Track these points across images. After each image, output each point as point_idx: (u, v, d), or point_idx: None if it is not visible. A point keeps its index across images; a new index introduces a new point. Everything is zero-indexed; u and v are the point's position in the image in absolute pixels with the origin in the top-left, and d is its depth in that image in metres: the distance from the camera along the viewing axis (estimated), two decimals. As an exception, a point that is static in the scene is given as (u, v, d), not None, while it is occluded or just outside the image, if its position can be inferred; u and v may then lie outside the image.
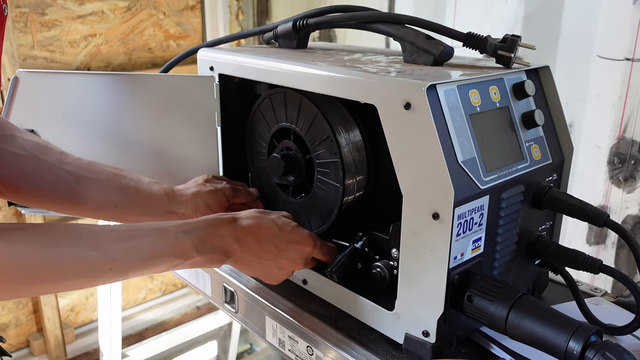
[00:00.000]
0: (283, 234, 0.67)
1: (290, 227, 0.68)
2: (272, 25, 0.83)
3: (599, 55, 1.18)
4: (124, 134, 0.86)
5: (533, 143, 0.66)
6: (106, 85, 0.84)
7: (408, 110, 0.55)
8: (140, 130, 0.85)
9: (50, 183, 0.69)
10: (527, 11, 1.29)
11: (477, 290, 0.58)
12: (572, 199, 0.65)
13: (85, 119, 0.85)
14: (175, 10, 1.98)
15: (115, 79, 0.85)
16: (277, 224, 0.68)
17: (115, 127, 0.86)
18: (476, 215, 0.58)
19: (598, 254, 1.26)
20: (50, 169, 0.69)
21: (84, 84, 0.84)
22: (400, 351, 0.63)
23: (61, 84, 0.84)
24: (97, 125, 0.85)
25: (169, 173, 0.82)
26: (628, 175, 1.18)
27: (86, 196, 0.71)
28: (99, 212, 0.73)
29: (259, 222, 0.67)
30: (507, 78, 0.65)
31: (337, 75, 0.63)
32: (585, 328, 0.52)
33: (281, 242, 0.67)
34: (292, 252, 0.68)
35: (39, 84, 0.83)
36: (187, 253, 0.61)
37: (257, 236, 0.66)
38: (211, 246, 0.63)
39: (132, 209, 0.73)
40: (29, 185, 0.69)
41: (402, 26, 0.69)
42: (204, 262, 0.64)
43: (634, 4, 1.10)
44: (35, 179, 0.69)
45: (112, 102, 0.85)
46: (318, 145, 0.70)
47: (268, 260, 0.67)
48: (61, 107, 0.85)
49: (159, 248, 0.59)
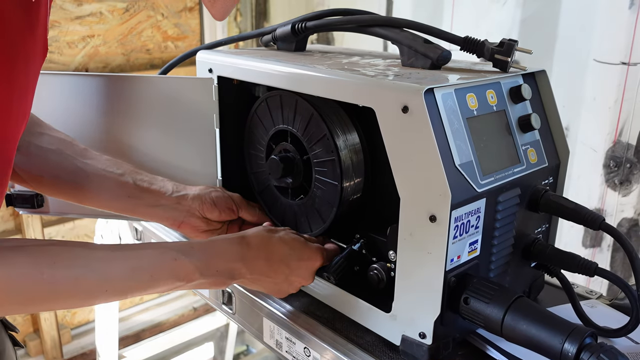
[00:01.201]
0: (294, 251, 0.68)
1: (300, 243, 0.69)
2: (270, 28, 0.83)
3: (595, 59, 1.18)
4: (122, 136, 0.86)
5: (529, 146, 0.67)
6: (104, 86, 0.85)
7: (406, 114, 0.56)
8: (138, 132, 0.86)
9: (70, 174, 0.74)
10: (524, 15, 1.30)
11: (473, 292, 0.58)
12: (568, 202, 0.66)
13: (82, 121, 0.85)
14: (173, 11, 1.99)
15: (113, 81, 0.85)
16: (287, 242, 0.68)
17: (113, 129, 0.86)
18: (473, 218, 0.58)
19: (594, 256, 1.27)
20: (72, 161, 0.74)
21: (81, 85, 0.85)
22: (397, 353, 0.63)
23: (59, 85, 0.85)
24: (94, 127, 0.86)
25: (167, 175, 0.82)
26: (624, 178, 1.18)
27: (103, 187, 0.75)
28: (114, 202, 0.76)
29: (268, 242, 0.67)
30: (504, 82, 0.65)
31: (335, 78, 0.63)
32: (580, 330, 0.52)
33: (292, 261, 0.67)
34: (303, 270, 0.68)
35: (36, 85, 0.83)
36: (189, 276, 0.60)
37: (267, 256, 0.66)
38: (217, 270, 0.62)
39: (144, 200, 0.76)
40: (51, 176, 0.74)
41: (400, 30, 0.70)
42: (209, 284, 0.63)
43: (630, 8, 1.11)
44: (57, 170, 0.74)
45: (110, 103, 0.85)
46: (315, 145, 0.71)
47: (278, 279, 0.67)
48: (59, 109, 0.85)
49: (157, 271, 0.59)
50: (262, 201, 0.82)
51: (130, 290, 0.57)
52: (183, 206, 0.76)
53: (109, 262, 0.56)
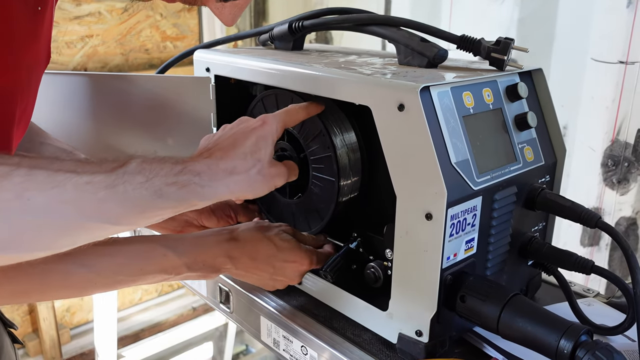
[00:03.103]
0: (280, 253, 0.68)
1: (289, 245, 0.69)
2: (268, 27, 0.84)
3: (593, 58, 1.18)
4: (120, 135, 0.86)
5: (526, 145, 0.67)
6: (102, 86, 0.85)
7: (402, 112, 0.56)
8: (136, 130, 0.86)
9: None
10: (521, 14, 1.30)
11: (470, 290, 0.58)
12: (565, 200, 0.66)
13: (80, 120, 0.85)
14: (172, 11, 1.99)
15: (111, 80, 0.85)
16: (275, 243, 0.68)
17: (110, 128, 0.86)
18: (469, 216, 0.58)
19: (592, 255, 1.27)
20: None
21: (79, 85, 0.85)
22: (393, 351, 0.63)
23: (57, 85, 0.85)
24: (91, 126, 0.86)
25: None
26: (621, 177, 1.19)
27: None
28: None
29: (256, 240, 0.68)
30: (501, 80, 0.65)
31: (332, 76, 0.63)
32: (576, 328, 0.52)
33: (277, 262, 0.68)
34: (289, 270, 0.68)
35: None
36: (176, 269, 0.63)
37: (252, 255, 0.67)
38: (203, 264, 0.64)
39: None
40: None
41: (397, 29, 0.70)
42: (195, 276, 0.65)
43: (628, 7, 1.11)
44: None
45: (108, 103, 0.85)
46: (311, 142, 0.71)
47: (262, 276, 0.68)
48: (57, 108, 0.85)
49: (146, 266, 0.61)
50: (259, 201, 0.82)
51: (119, 283, 0.60)
52: (181, 216, 0.76)
53: (100, 256, 0.58)
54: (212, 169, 0.53)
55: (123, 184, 0.46)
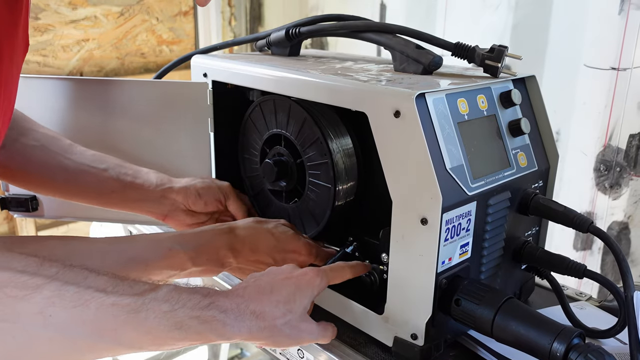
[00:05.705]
0: (279, 243, 0.69)
1: (287, 236, 0.70)
2: (265, 33, 0.84)
3: (585, 64, 1.20)
4: (117, 140, 0.86)
5: (519, 150, 0.68)
6: (99, 91, 0.85)
7: (398, 118, 0.57)
8: (133, 136, 0.86)
9: (54, 171, 0.74)
10: (515, 21, 1.31)
11: (464, 294, 0.59)
12: (557, 205, 0.67)
13: (77, 125, 0.86)
14: (168, 15, 1.99)
15: (107, 85, 0.85)
16: (274, 234, 0.69)
17: (107, 133, 0.86)
18: (464, 220, 0.59)
19: (585, 259, 1.28)
20: (56, 158, 0.74)
21: (76, 90, 0.85)
22: (389, 354, 0.64)
23: (53, 90, 0.85)
24: (88, 131, 0.86)
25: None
26: (614, 182, 1.20)
27: (87, 182, 0.74)
28: (98, 198, 0.76)
29: (256, 232, 0.68)
30: (495, 87, 0.66)
31: (328, 83, 0.64)
32: (569, 331, 0.53)
33: (277, 252, 0.68)
34: (289, 261, 0.69)
35: (31, 89, 0.83)
36: (182, 265, 0.63)
37: (253, 246, 0.68)
38: (207, 258, 0.65)
39: (129, 194, 0.75)
40: (37, 174, 0.73)
41: (392, 35, 0.71)
42: (200, 272, 0.65)
43: (619, 14, 1.12)
44: (42, 167, 0.73)
45: (105, 108, 0.85)
46: (308, 148, 0.72)
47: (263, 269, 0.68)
48: (53, 113, 0.85)
49: (153, 261, 0.61)
50: (256, 204, 0.83)
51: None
52: (167, 199, 0.76)
53: (106, 253, 0.58)
54: (240, 308, 0.52)
55: (146, 310, 0.46)
